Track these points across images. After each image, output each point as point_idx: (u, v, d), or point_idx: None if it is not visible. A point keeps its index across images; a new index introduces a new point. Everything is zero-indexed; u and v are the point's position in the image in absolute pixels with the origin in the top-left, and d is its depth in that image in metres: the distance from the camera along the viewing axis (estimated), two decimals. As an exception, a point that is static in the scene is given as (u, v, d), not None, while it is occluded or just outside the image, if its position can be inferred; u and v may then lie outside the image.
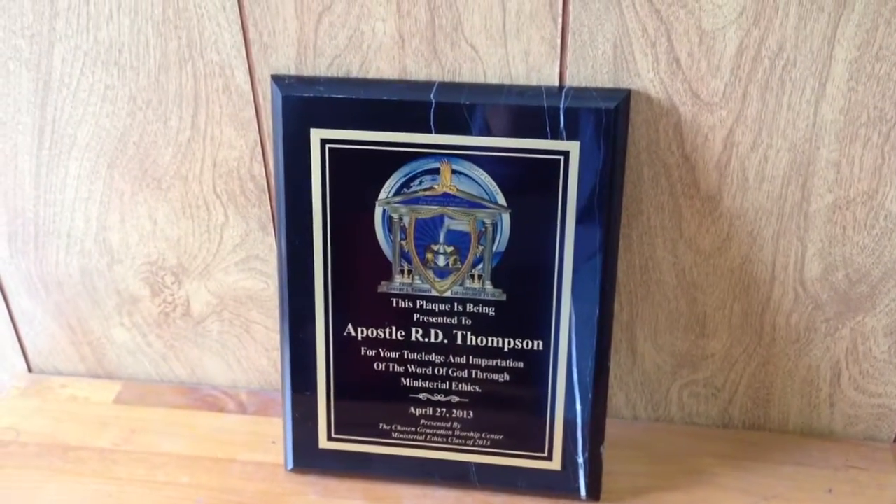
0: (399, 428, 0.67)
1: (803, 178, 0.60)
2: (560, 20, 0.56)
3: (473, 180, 0.60)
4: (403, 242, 0.62)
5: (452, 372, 0.65)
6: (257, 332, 0.75)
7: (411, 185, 0.60)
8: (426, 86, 0.59)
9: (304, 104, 0.60)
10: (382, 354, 0.65)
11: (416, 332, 0.64)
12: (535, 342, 0.63)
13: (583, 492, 0.66)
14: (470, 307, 0.63)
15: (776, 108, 0.57)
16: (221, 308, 0.74)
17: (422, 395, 0.66)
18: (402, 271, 0.63)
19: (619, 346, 0.69)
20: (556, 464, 0.65)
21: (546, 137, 0.58)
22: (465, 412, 0.66)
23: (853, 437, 0.72)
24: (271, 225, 0.68)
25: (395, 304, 0.64)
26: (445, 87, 0.59)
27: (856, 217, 0.61)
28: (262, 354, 0.76)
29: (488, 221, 0.61)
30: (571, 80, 0.58)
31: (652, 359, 0.70)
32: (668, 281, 0.66)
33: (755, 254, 0.63)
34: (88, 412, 0.76)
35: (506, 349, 0.63)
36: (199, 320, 0.75)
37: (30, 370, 0.81)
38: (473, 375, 0.65)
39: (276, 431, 0.71)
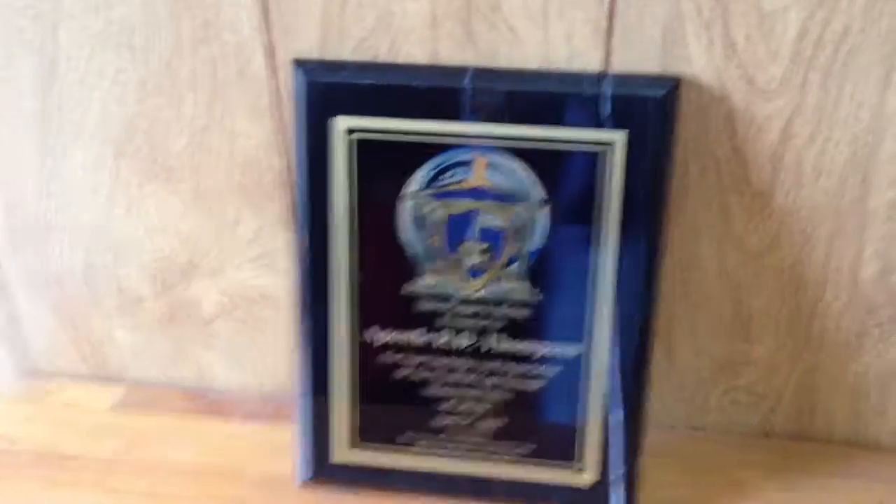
0: (422, 439, 0.63)
1: (863, 172, 0.56)
2: (606, 0, 0.52)
3: (509, 173, 0.56)
4: (433, 239, 0.58)
5: (481, 379, 0.61)
6: (270, 332, 0.71)
7: (442, 177, 0.56)
8: (460, 71, 0.55)
9: (328, 90, 0.56)
10: (406, 360, 0.61)
11: (444, 336, 0.60)
12: (573, 346, 0.59)
13: (619, 506, 0.62)
14: (503, 308, 0.59)
15: (838, 96, 0.53)
16: (233, 307, 0.70)
17: (447, 405, 0.62)
18: (430, 270, 0.59)
19: (654, 350, 0.65)
20: (590, 478, 0.61)
21: (589, 127, 0.54)
22: (493, 422, 0.61)
23: (901, 449, 0.68)
24: (289, 220, 0.64)
25: (421, 306, 0.59)
26: (481, 72, 0.55)
27: (918, 215, 0.57)
28: (275, 356, 0.72)
29: (525, 217, 0.57)
30: (617, 66, 0.54)
31: (690, 364, 0.66)
32: (710, 281, 0.62)
33: (807, 254, 0.59)
34: (87, 419, 0.72)
35: (540, 353, 0.59)
36: (208, 320, 0.71)
37: (28, 371, 0.77)
38: (504, 383, 0.60)
39: (288, 440, 0.66)
